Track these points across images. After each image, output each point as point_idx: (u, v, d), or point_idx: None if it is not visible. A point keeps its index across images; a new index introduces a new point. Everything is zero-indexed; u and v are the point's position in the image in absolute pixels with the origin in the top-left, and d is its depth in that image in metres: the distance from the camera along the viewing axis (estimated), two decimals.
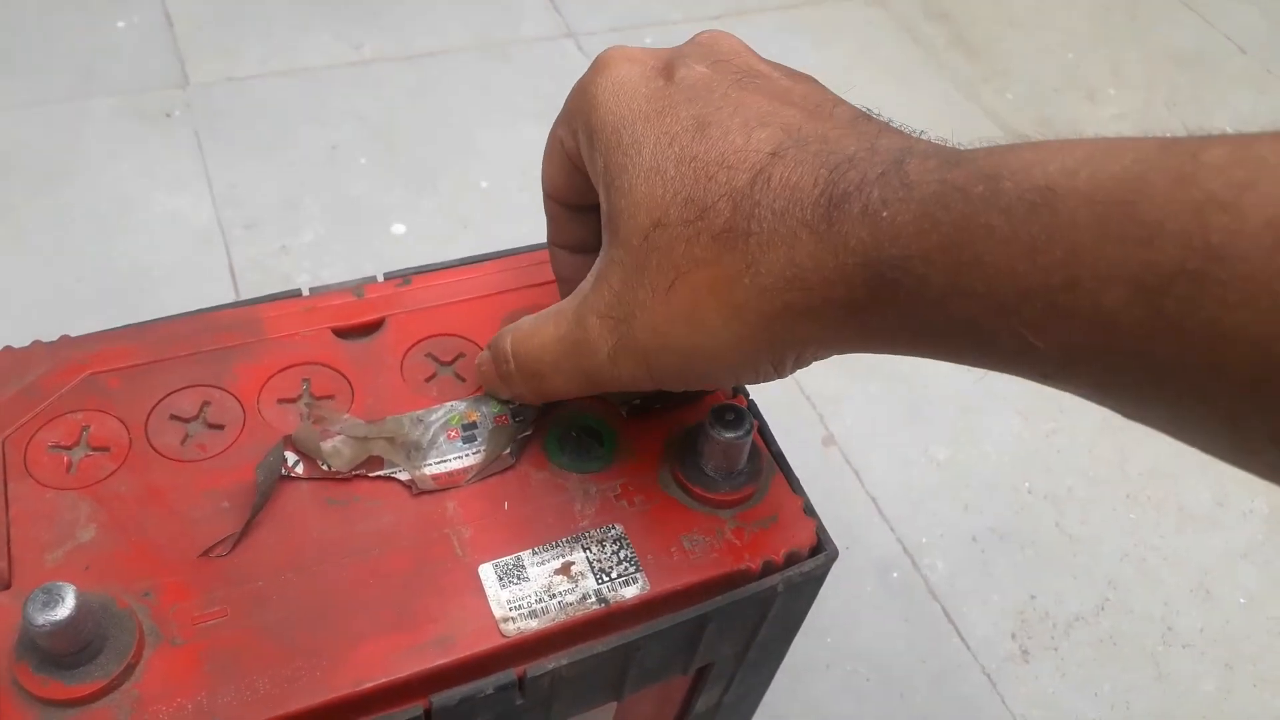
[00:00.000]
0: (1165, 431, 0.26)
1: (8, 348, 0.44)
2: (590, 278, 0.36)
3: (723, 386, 0.35)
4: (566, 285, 0.45)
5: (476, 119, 1.09)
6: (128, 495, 0.40)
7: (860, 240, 0.28)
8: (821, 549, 0.43)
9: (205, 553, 0.39)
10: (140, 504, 0.40)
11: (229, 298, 0.88)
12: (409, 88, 1.11)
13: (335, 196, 0.98)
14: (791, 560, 0.42)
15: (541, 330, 0.38)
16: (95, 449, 0.41)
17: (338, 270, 0.92)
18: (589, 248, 0.42)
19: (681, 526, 0.42)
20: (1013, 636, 0.77)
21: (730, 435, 0.41)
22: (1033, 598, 0.80)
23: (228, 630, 0.37)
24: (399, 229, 0.97)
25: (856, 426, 0.88)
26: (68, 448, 0.41)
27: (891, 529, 0.82)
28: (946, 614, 0.78)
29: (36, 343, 0.44)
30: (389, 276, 0.50)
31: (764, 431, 0.46)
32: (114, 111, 1.03)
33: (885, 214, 0.28)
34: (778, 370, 0.34)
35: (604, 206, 0.34)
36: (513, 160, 1.04)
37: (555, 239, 0.44)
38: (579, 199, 0.41)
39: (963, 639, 0.77)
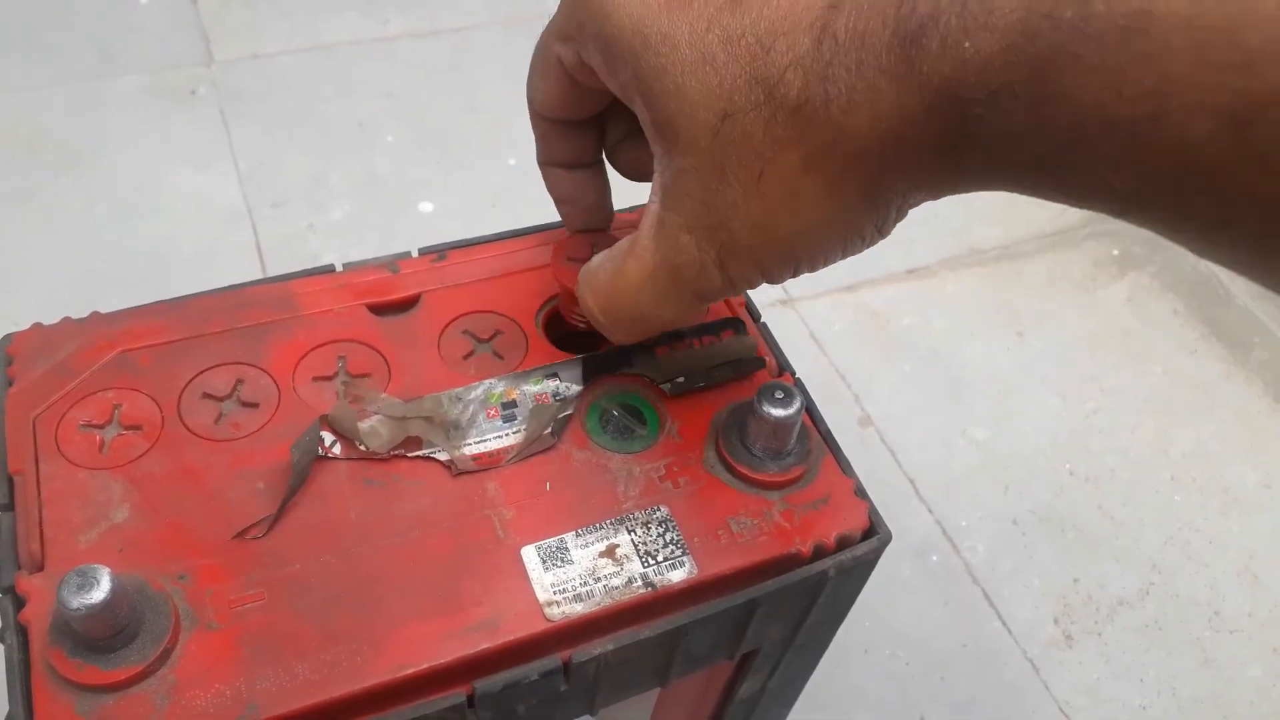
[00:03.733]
0: (1234, 268, 0.25)
1: (37, 325, 0.43)
2: (656, 197, 0.33)
3: (830, 262, 0.32)
4: (567, 206, 0.44)
5: (504, 95, 1.07)
6: (161, 475, 0.39)
7: (943, 78, 0.26)
8: (874, 532, 0.42)
9: (240, 534, 0.38)
10: (174, 484, 0.39)
11: (257, 277, 0.88)
12: (436, 63, 1.09)
13: (362, 174, 0.97)
14: (843, 544, 0.41)
15: (624, 275, 0.34)
16: (127, 428, 0.40)
17: (366, 249, 0.91)
18: (585, 162, 0.42)
19: (729, 508, 0.41)
20: (1055, 621, 0.76)
21: (780, 414, 0.40)
22: (1075, 581, 0.78)
23: (265, 614, 0.36)
24: (427, 207, 0.95)
25: (892, 407, 0.86)
26: (99, 426, 0.40)
27: (930, 511, 0.80)
28: (987, 597, 0.76)
29: (66, 319, 0.43)
30: (424, 252, 0.48)
31: (812, 411, 0.44)
32: (138, 90, 1.02)
33: (967, 45, 0.25)
34: (881, 230, 0.32)
35: (646, 116, 0.32)
36: None
37: (548, 158, 0.43)
38: (575, 114, 0.39)
39: (1004, 623, 0.75)
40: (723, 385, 0.44)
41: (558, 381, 0.43)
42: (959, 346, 0.91)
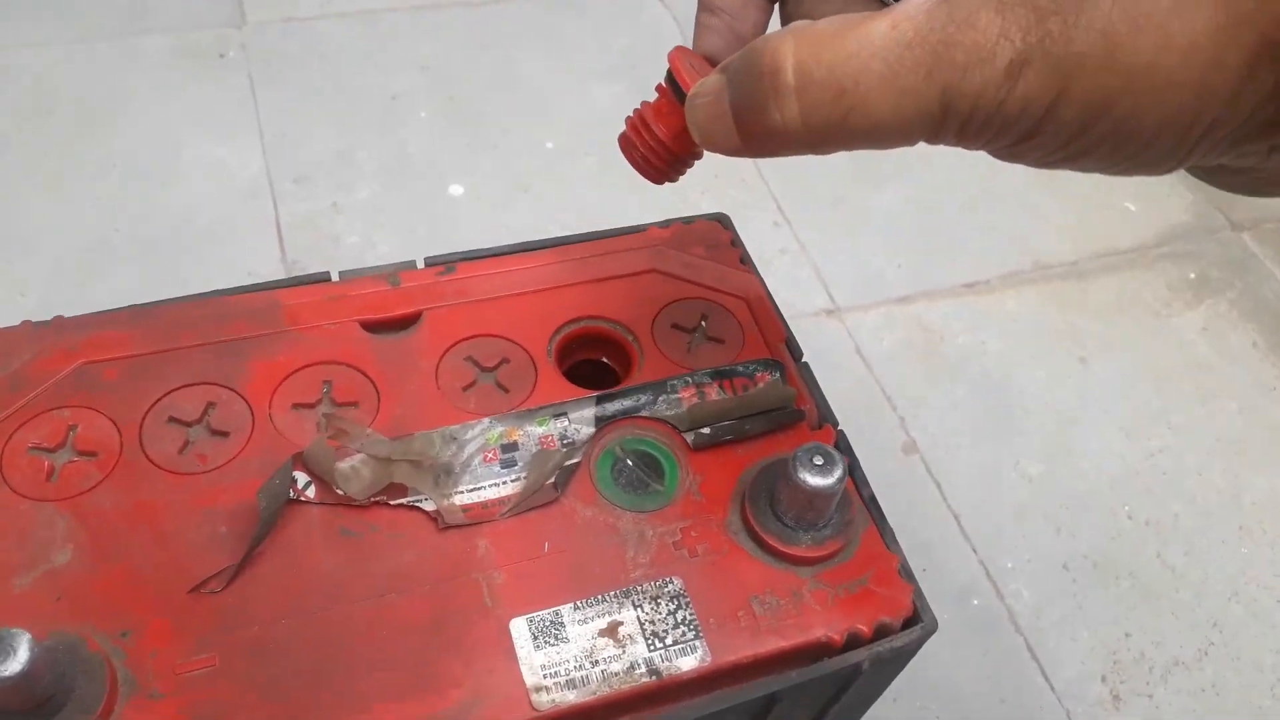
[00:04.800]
0: None
1: None
2: None
3: (1159, 148, 0.24)
4: (716, 17, 0.34)
5: (545, 74, 1.02)
6: (112, 512, 0.35)
7: None
8: (917, 620, 0.36)
9: (196, 588, 0.33)
10: (126, 523, 0.34)
11: (274, 257, 0.83)
12: (476, 37, 1.04)
13: (391, 152, 0.92)
14: (882, 632, 0.36)
15: (861, 34, 0.25)
16: (81, 454, 0.36)
17: (389, 232, 0.86)
18: None
19: (752, 585, 0.35)
20: (1103, 679, 0.70)
21: (818, 483, 0.34)
22: (1127, 636, 0.72)
23: (215, 683, 0.32)
24: (456, 190, 0.90)
25: (941, 434, 0.80)
26: (50, 450, 0.36)
27: (974, 550, 0.74)
28: (1030, 649, 0.70)
29: (26, 323, 0.39)
30: (430, 262, 0.44)
31: (856, 474, 0.39)
32: (166, 50, 0.97)
33: None
34: (1259, 110, 0.23)
35: None
36: (581, 120, 0.97)
37: None
38: None
39: (1047, 678, 0.69)
40: (755, 438, 0.39)
41: (566, 422, 0.38)
42: (1016, 370, 0.85)
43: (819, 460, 0.34)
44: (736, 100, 0.27)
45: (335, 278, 0.43)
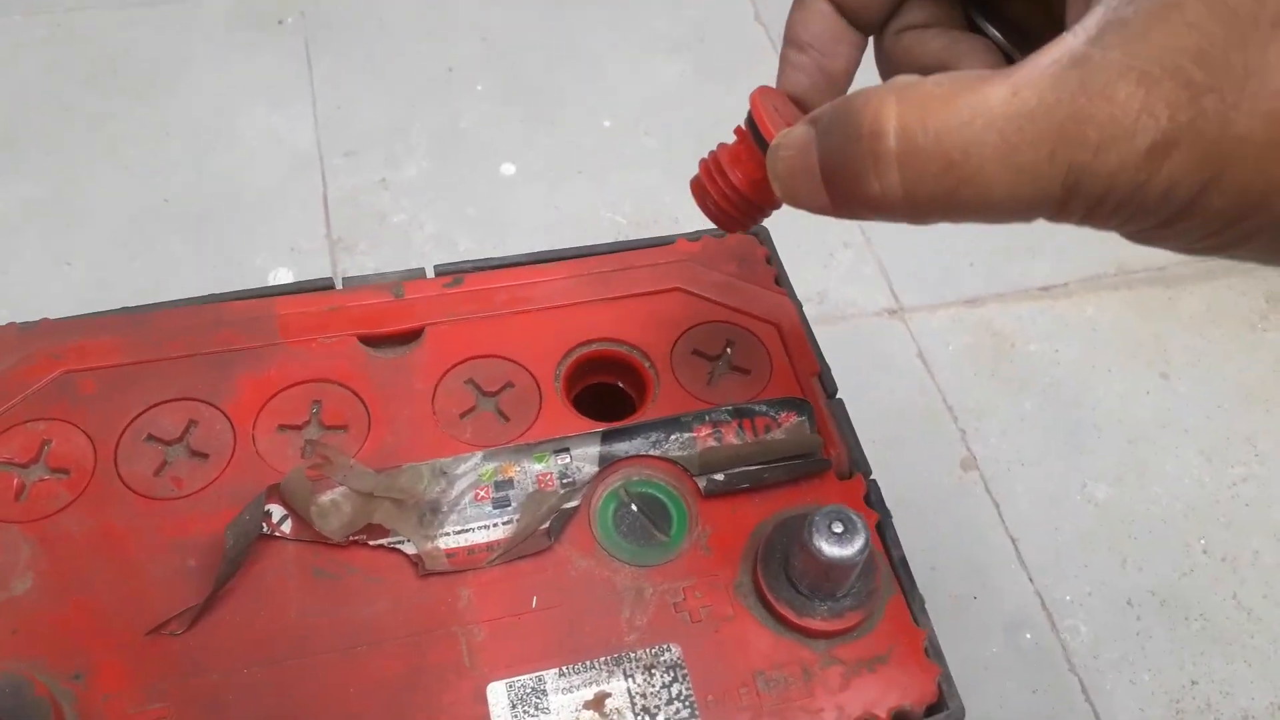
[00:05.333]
0: None
1: None
2: (1083, 33, 0.21)
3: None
4: (804, 54, 0.31)
5: (608, 48, 0.97)
6: (79, 537, 0.33)
7: None
8: (942, 707, 0.32)
9: (155, 630, 0.31)
10: (92, 551, 0.32)
11: (319, 233, 0.82)
12: (538, 7, 1.00)
13: (445, 126, 0.90)
14: (900, 719, 0.32)
15: (977, 95, 0.22)
16: (54, 470, 0.34)
17: (438, 211, 0.83)
18: (863, 18, 0.30)
19: (759, 658, 0.32)
20: None
21: (836, 554, 0.30)
22: (1193, 684, 0.67)
23: None
24: (508, 169, 0.87)
25: (1003, 449, 0.75)
26: (22, 465, 0.34)
27: (1030, 579, 0.70)
28: (1085, 691, 0.66)
29: (11, 325, 0.37)
30: (440, 271, 0.41)
31: (887, 531, 0.35)
32: (225, 14, 0.96)
33: None
34: None
35: None
36: (642, 98, 0.93)
37: None
38: None
39: None
40: (773, 487, 0.35)
41: (568, 459, 0.35)
42: (1090, 383, 0.79)
43: (838, 527, 0.31)
44: (828, 159, 0.24)
45: (339, 285, 0.40)
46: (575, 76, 0.95)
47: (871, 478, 0.36)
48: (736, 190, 0.31)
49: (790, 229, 0.83)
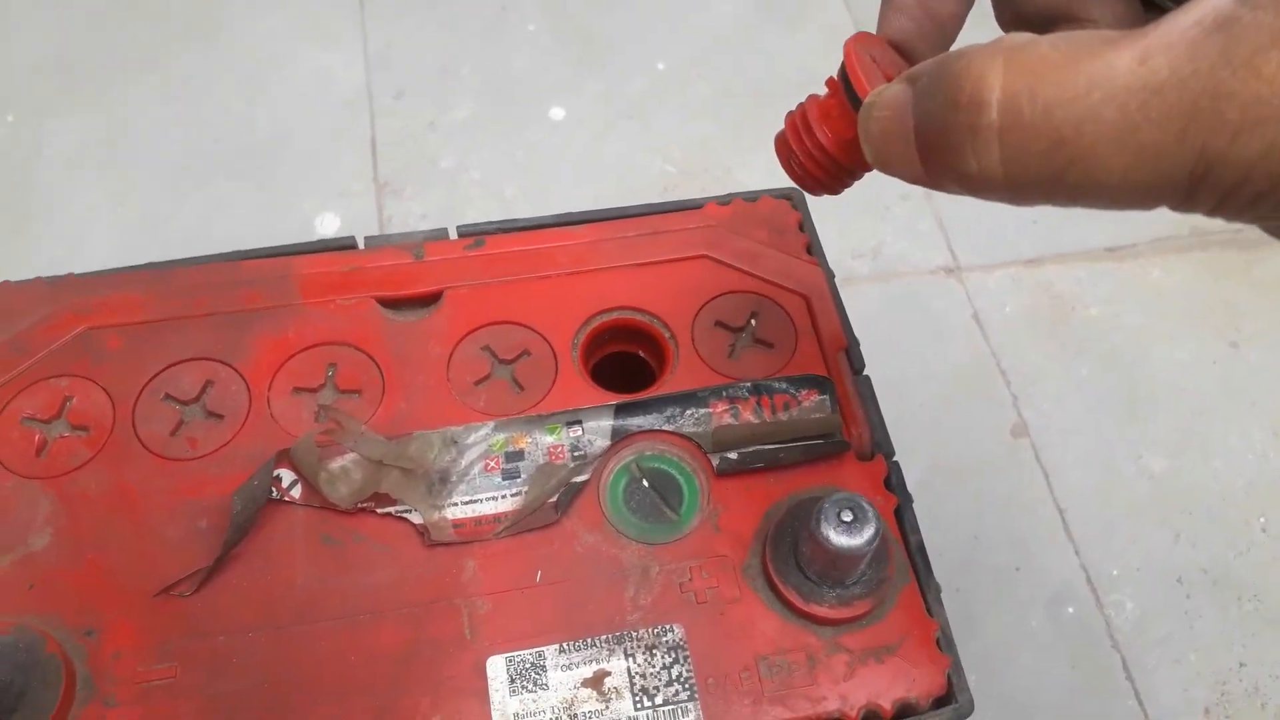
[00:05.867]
0: None
1: (5, 282, 0.37)
2: None
3: None
4: (916, 18, 0.28)
5: None
6: (97, 495, 0.33)
7: None
8: (950, 700, 0.31)
9: (164, 591, 0.32)
10: (107, 510, 0.33)
11: (367, 176, 0.81)
12: None
13: (495, 67, 0.88)
14: (905, 712, 0.31)
15: (1098, 61, 0.19)
16: (75, 428, 0.35)
17: (486, 156, 0.83)
18: None
19: (763, 642, 0.31)
20: (1206, 712, 0.63)
21: (844, 543, 0.30)
22: (1241, 666, 0.65)
23: (171, 698, 0.30)
24: (558, 113, 0.86)
25: (1056, 416, 0.73)
26: (45, 422, 0.35)
27: (1077, 551, 0.68)
28: (1126, 668, 0.64)
29: (39, 280, 0.38)
30: (463, 232, 0.40)
31: (906, 516, 0.34)
32: None
33: None
34: None
35: None
36: (698, 40, 0.90)
37: None
38: None
39: (1141, 703, 0.63)
40: (790, 466, 0.34)
41: (580, 431, 0.35)
42: (1152, 350, 0.76)
43: (848, 516, 0.30)
44: (924, 126, 0.22)
45: (361, 244, 0.39)
46: (630, 15, 0.92)
47: (894, 459, 0.35)
48: (824, 150, 0.29)
49: None
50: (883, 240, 0.80)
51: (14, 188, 0.79)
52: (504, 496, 0.34)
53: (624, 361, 0.39)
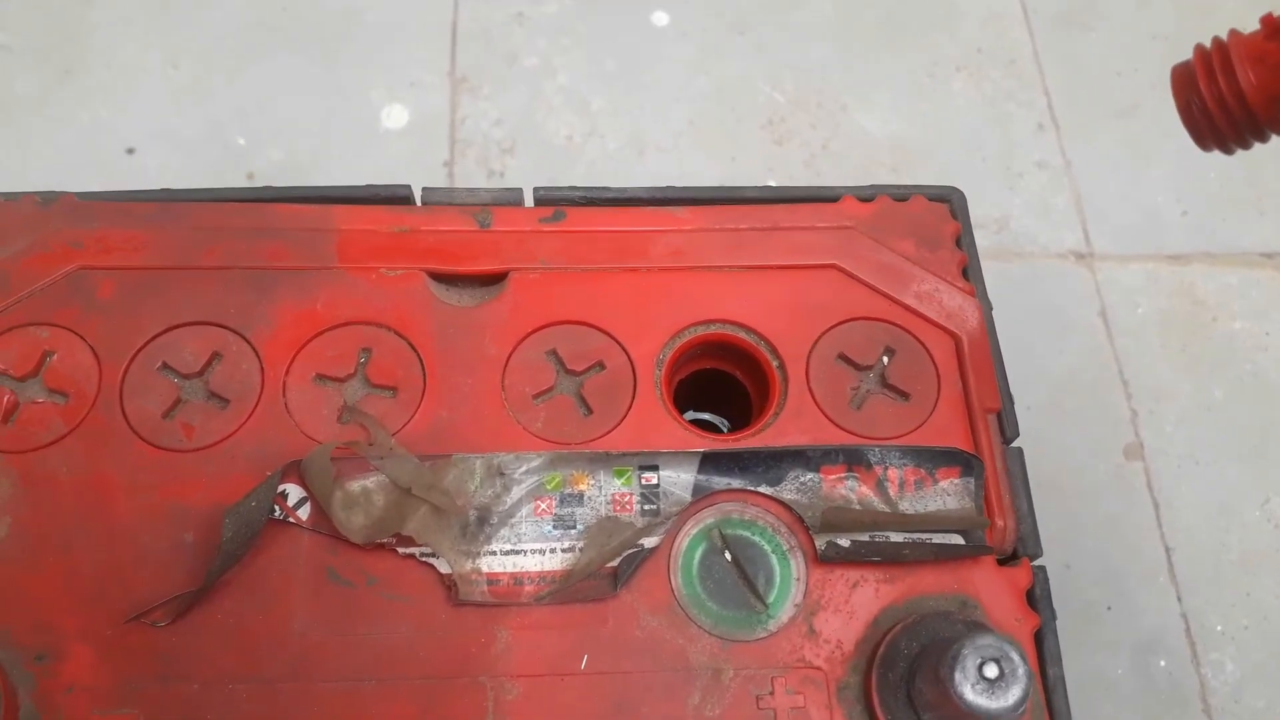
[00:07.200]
0: None
1: None
2: None
3: None
4: None
5: None
6: (68, 482, 0.28)
7: None
8: None
9: (136, 617, 0.26)
10: (79, 501, 0.27)
11: (442, 69, 0.73)
12: None
13: None
14: None
15: None
16: (52, 391, 0.29)
17: (574, 59, 0.74)
18: None
19: None
20: None
21: (983, 705, 0.23)
22: None
23: None
24: (661, 19, 0.76)
25: (1178, 440, 0.64)
26: (18, 379, 0.29)
27: (1179, 598, 0.60)
28: None
29: (29, 198, 0.31)
30: (541, 199, 0.33)
31: (1044, 643, 0.27)
32: None
33: None
34: None
35: None
36: None
37: None
38: None
39: None
40: (914, 563, 0.27)
41: (655, 479, 0.28)
42: None
43: (992, 672, 0.23)
44: None
45: (418, 199, 0.32)
46: None
47: (1039, 563, 0.28)
48: (1241, 99, 0.24)
49: (972, 131, 0.70)
50: (1010, 211, 0.71)
51: (64, 35, 0.72)
52: (554, 551, 0.27)
53: (715, 380, 0.32)
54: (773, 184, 0.70)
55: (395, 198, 0.32)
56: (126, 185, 0.34)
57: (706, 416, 0.34)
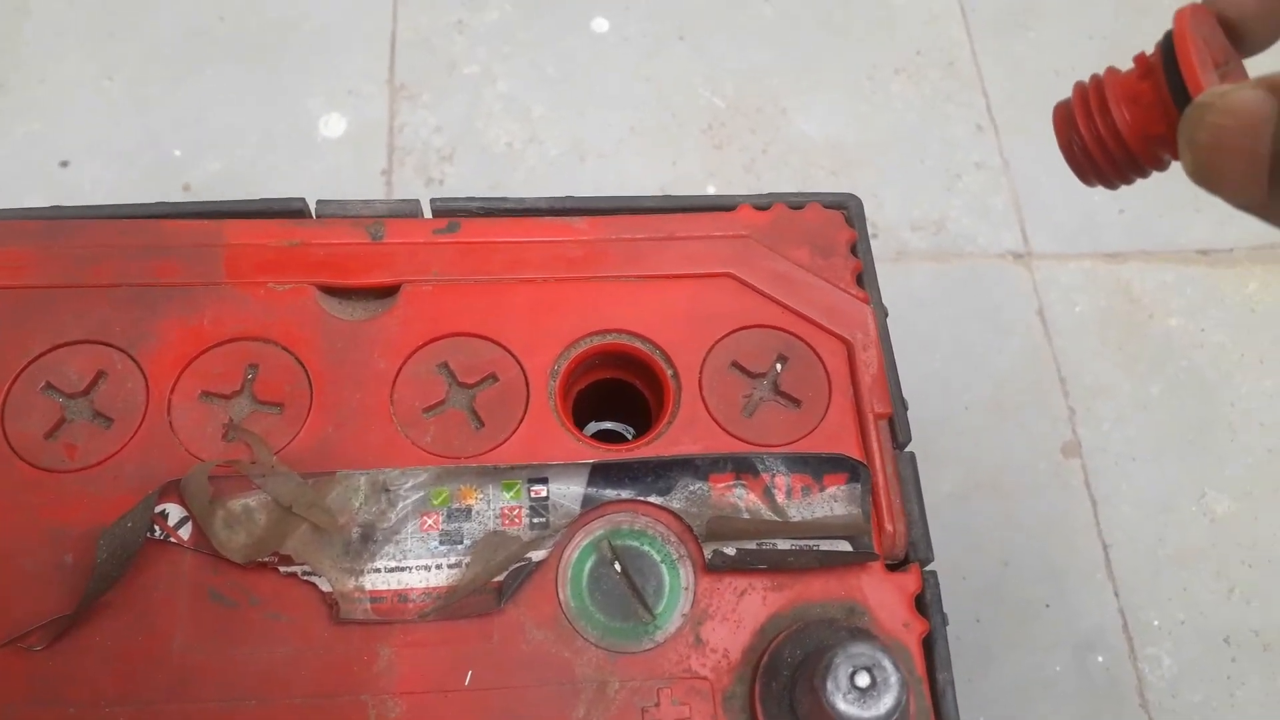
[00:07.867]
0: None
1: None
2: None
3: None
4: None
5: None
6: None
7: None
8: None
9: (11, 641, 0.26)
10: None
11: (382, 76, 0.73)
12: None
13: None
14: None
15: None
16: None
17: (515, 66, 0.74)
18: None
19: None
20: None
21: (853, 715, 0.23)
22: None
23: None
24: (601, 25, 0.76)
25: (1115, 437, 0.65)
26: None
27: (1116, 594, 0.61)
28: None
29: None
30: (438, 212, 0.32)
31: (934, 649, 0.27)
32: None
33: None
34: None
35: None
36: None
37: None
38: None
39: None
40: (800, 571, 0.27)
41: (544, 491, 0.28)
42: (1235, 373, 0.67)
43: (863, 681, 0.23)
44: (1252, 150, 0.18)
45: (313, 210, 0.32)
46: None
47: (930, 568, 0.28)
48: (1118, 138, 0.24)
49: (911, 133, 0.71)
50: (948, 213, 0.71)
51: None
52: (439, 567, 0.27)
53: (619, 389, 0.32)
54: (712, 190, 0.70)
55: (289, 211, 0.32)
56: (60, 199, 0.34)
57: (612, 426, 0.34)
